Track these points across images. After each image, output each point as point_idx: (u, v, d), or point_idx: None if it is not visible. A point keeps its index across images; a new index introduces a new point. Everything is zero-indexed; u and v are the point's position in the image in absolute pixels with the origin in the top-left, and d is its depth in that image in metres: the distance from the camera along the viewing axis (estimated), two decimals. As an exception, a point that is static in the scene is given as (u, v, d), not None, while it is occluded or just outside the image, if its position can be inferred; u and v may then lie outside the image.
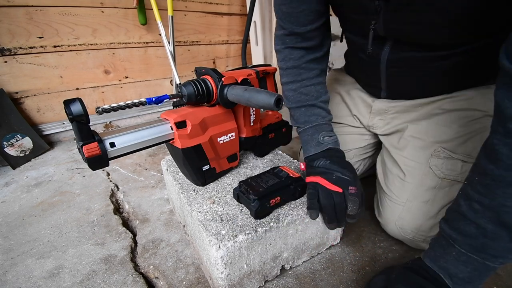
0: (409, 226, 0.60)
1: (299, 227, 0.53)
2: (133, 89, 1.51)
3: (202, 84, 0.52)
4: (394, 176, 0.64)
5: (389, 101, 0.68)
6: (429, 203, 0.58)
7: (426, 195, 0.58)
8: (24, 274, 0.59)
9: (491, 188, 0.36)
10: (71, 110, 0.38)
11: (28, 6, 1.12)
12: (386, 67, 0.59)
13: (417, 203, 0.59)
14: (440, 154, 0.58)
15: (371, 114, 0.73)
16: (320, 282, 0.56)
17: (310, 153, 0.62)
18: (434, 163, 0.58)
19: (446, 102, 0.60)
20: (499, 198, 0.36)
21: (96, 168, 0.44)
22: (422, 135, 0.61)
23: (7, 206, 0.84)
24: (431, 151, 0.59)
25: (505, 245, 0.37)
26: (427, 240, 0.58)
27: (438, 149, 0.58)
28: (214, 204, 0.55)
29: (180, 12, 1.52)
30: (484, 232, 0.38)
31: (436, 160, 0.58)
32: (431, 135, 0.60)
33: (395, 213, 0.62)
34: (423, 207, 0.58)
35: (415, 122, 0.63)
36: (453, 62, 0.53)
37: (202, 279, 0.57)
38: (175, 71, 1.28)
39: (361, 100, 0.75)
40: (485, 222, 0.38)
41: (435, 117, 0.60)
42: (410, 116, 0.64)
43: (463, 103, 0.58)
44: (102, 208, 0.81)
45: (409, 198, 0.60)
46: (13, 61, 1.16)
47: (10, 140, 1.11)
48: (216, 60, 1.80)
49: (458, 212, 0.41)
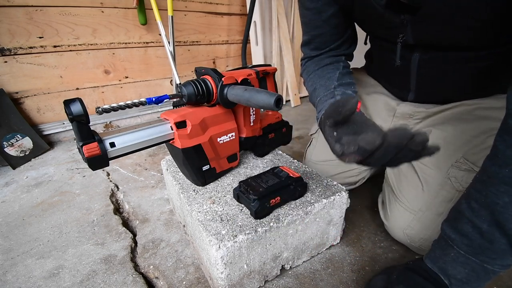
0: (417, 235, 0.58)
1: (299, 227, 0.53)
2: (133, 89, 1.51)
3: (202, 84, 0.52)
4: (409, 181, 0.61)
5: (416, 105, 0.66)
6: (443, 216, 0.54)
7: (440, 207, 0.56)
8: (24, 274, 0.59)
9: (486, 185, 0.36)
10: (71, 110, 0.38)
11: (28, 6, 1.12)
12: (418, 68, 0.57)
13: (430, 214, 0.57)
14: (461, 165, 0.54)
15: (394, 118, 0.69)
16: (320, 282, 0.56)
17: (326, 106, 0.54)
18: (454, 175, 0.55)
19: (478, 109, 0.56)
20: (492, 195, 0.35)
21: (96, 168, 0.44)
22: (445, 142, 0.57)
23: (7, 206, 0.84)
24: (452, 161, 0.55)
25: (502, 247, 0.36)
26: None
27: (460, 160, 0.55)
28: (214, 204, 0.55)
29: (180, 12, 1.52)
30: (480, 232, 0.37)
31: (457, 171, 0.55)
32: (455, 143, 0.56)
33: (404, 220, 0.60)
34: (436, 220, 0.56)
35: (440, 127, 0.59)
36: (486, 64, 0.51)
37: (202, 279, 0.57)
38: (175, 71, 1.28)
39: (383, 103, 0.72)
40: (480, 221, 0.37)
41: (463, 124, 0.57)
42: (436, 120, 0.61)
43: (496, 113, 0.54)
44: (102, 208, 0.81)
45: (422, 208, 0.57)
46: (13, 61, 1.16)
47: (10, 140, 1.11)
48: (216, 60, 1.80)
49: (458, 211, 0.41)
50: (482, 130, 0.55)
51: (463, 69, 0.54)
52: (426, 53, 0.54)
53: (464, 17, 0.43)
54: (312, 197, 0.56)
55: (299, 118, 1.61)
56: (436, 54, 0.53)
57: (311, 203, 0.54)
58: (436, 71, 0.56)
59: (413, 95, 0.65)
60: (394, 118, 0.69)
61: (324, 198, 0.56)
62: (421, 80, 0.60)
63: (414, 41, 0.52)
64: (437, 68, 0.56)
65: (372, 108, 0.74)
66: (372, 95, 0.74)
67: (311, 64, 0.67)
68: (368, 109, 0.74)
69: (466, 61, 0.52)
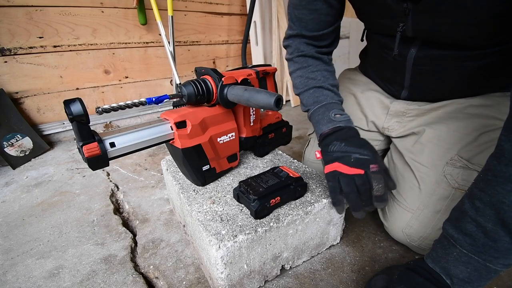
0: (417, 234, 0.58)
1: (299, 227, 0.53)
2: (133, 89, 1.51)
3: (202, 84, 0.52)
4: (406, 181, 0.61)
5: (409, 103, 0.66)
6: (441, 213, 0.56)
7: (438, 205, 0.56)
8: (24, 274, 0.59)
9: (491, 184, 0.36)
10: (71, 110, 0.38)
11: (28, 6, 1.12)
12: (413, 65, 0.58)
13: (428, 212, 0.57)
14: (456, 163, 0.55)
15: (387, 116, 0.70)
16: (320, 282, 0.56)
17: (322, 131, 0.59)
18: (449, 172, 0.56)
19: (469, 107, 0.57)
20: (498, 194, 0.35)
21: (96, 168, 0.44)
22: (439, 140, 0.58)
23: (7, 206, 0.84)
24: (447, 158, 0.56)
25: (505, 246, 0.36)
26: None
27: (455, 158, 0.55)
28: (214, 204, 0.55)
29: (180, 12, 1.52)
30: (484, 231, 0.37)
31: (452, 169, 0.55)
32: (448, 141, 0.57)
33: (403, 220, 0.60)
34: (434, 217, 0.56)
35: (433, 126, 0.60)
36: (482, 63, 0.51)
37: (202, 279, 0.57)
38: (175, 71, 1.29)
39: (377, 101, 0.72)
40: (485, 220, 0.37)
41: (455, 122, 0.57)
42: (428, 119, 0.62)
43: (487, 111, 0.55)
44: (102, 208, 0.81)
45: (419, 207, 0.58)
46: (13, 61, 1.16)
47: (10, 140, 1.11)
48: (216, 60, 1.80)
49: (461, 210, 0.41)
50: (474, 128, 0.55)
51: (459, 67, 0.54)
52: (423, 49, 0.55)
53: (466, 13, 0.43)
54: (312, 197, 0.56)
55: (299, 118, 1.61)
56: (432, 51, 0.54)
57: (311, 203, 0.54)
58: (431, 68, 0.57)
59: (407, 93, 0.66)
60: (387, 116, 0.70)
61: (324, 198, 0.56)
62: (416, 77, 0.60)
63: (413, 33, 0.52)
64: (432, 65, 0.56)
65: (366, 106, 0.75)
66: (366, 93, 0.75)
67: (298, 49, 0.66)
68: (363, 107, 0.75)
69: (462, 59, 0.53)
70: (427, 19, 0.48)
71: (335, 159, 0.52)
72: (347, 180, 0.49)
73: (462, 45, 0.50)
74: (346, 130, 0.56)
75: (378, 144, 0.76)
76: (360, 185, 0.48)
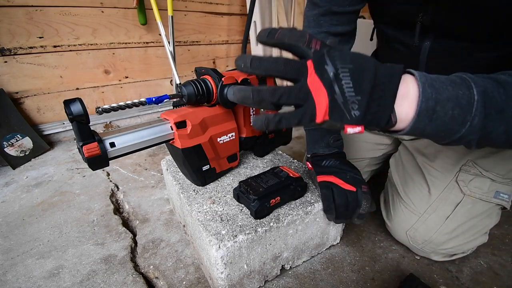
0: (421, 237, 0.58)
1: (299, 227, 0.53)
2: (133, 89, 1.51)
3: (202, 84, 0.52)
4: (416, 184, 0.61)
5: None
6: (448, 219, 0.55)
7: (447, 210, 0.55)
8: (24, 274, 0.59)
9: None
10: (71, 110, 0.38)
11: (28, 6, 1.12)
12: (427, 58, 0.56)
13: (436, 217, 0.57)
14: (470, 169, 0.54)
15: None
16: (320, 282, 0.56)
17: (318, 153, 0.61)
18: (462, 178, 0.55)
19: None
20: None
21: (96, 168, 0.44)
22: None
23: (7, 206, 0.84)
24: (461, 164, 0.55)
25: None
26: (436, 251, 0.57)
27: (469, 164, 0.54)
28: (214, 204, 0.55)
29: (180, 12, 1.52)
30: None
31: (465, 175, 0.54)
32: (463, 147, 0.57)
33: (408, 222, 0.59)
34: (441, 222, 0.56)
35: None
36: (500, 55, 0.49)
37: (202, 279, 0.57)
38: (175, 71, 1.28)
39: None
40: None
41: None
42: None
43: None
44: (102, 208, 0.81)
45: (427, 211, 0.58)
46: (13, 61, 1.15)
47: (10, 140, 1.11)
48: (216, 60, 1.80)
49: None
50: None
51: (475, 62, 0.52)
52: (438, 41, 0.53)
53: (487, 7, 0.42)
54: (312, 197, 0.56)
55: (299, 118, 1.60)
56: (448, 43, 0.52)
57: (311, 203, 0.54)
58: (445, 61, 0.55)
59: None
60: None
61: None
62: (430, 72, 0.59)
63: (431, 23, 0.50)
64: (447, 57, 0.54)
65: None
66: None
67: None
68: None
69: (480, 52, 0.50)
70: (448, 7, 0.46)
71: (332, 173, 0.54)
72: (340, 193, 0.51)
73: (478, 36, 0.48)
74: (340, 153, 0.61)
75: (383, 148, 0.76)
76: (350, 201, 0.51)
